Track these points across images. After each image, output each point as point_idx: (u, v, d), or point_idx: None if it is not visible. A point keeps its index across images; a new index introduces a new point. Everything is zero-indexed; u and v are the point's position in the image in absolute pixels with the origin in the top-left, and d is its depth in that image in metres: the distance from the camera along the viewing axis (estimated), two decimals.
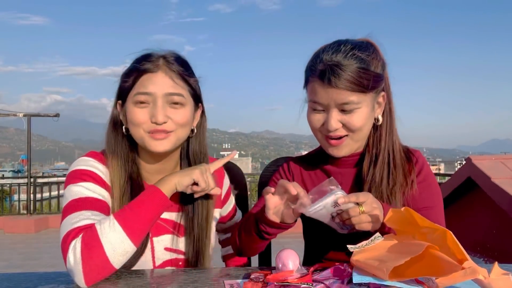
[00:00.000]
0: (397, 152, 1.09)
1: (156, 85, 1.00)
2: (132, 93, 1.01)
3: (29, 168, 8.25)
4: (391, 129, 1.10)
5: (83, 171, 1.01)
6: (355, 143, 1.07)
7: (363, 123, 1.03)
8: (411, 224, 0.79)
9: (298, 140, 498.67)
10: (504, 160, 3.58)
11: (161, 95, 1.00)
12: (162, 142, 1.02)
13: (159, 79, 1.01)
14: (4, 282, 0.87)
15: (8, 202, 10.13)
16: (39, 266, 4.79)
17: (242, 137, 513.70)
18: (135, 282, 0.84)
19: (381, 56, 1.07)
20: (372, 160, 1.09)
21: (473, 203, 3.68)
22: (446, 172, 15.71)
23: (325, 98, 1.01)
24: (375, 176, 1.07)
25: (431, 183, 1.10)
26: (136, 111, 1.00)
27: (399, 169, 1.08)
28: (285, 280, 0.75)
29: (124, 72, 1.05)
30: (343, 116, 1.02)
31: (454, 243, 0.69)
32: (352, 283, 0.72)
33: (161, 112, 0.99)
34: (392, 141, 1.10)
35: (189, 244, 1.10)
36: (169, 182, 0.97)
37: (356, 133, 1.04)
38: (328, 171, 1.15)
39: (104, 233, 0.86)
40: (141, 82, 1.01)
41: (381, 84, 1.05)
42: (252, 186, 7.05)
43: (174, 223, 1.11)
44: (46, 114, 8.86)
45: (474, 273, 0.62)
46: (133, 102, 1.01)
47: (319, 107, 1.04)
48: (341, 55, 1.00)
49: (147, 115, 1.00)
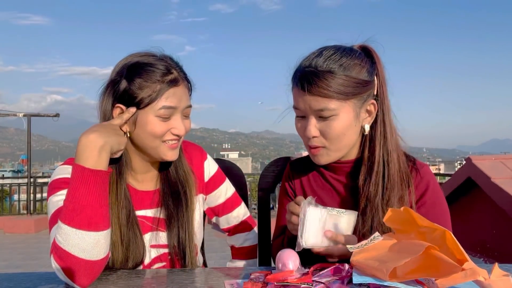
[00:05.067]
0: (393, 166, 1.04)
1: (179, 99, 1.02)
2: (155, 106, 0.99)
3: (29, 168, 8.25)
4: (385, 140, 1.05)
5: (61, 180, 1.01)
6: (334, 153, 1.04)
7: (340, 132, 1.00)
8: (410, 223, 0.79)
9: (298, 140, 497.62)
10: (504, 160, 3.58)
11: (182, 109, 1.04)
12: (176, 151, 1.07)
13: (182, 93, 1.03)
14: (4, 282, 0.87)
15: (8, 202, 10.12)
16: (39, 266, 4.79)
17: (242, 137, 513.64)
18: (135, 282, 0.84)
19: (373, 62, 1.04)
20: (367, 173, 1.05)
21: (473, 203, 3.68)
22: (446, 172, 15.71)
23: (302, 104, 1.00)
24: (370, 190, 1.03)
25: (437, 203, 1.06)
26: (159, 124, 1.01)
27: (395, 185, 1.03)
28: (285, 280, 0.75)
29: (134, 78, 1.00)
30: (322, 123, 1.00)
31: (454, 243, 0.69)
32: (352, 283, 0.72)
33: (182, 125, 1.04)
34: (387, 153, 1.04)
35: (173, 237, 1.10)
36: (90, 151, 0.89)
37: (334, 143, 1.01)
38: (325, 175, 1.14)
39: (62, 241, 0.85)
40: (167, 95, 1.00)
41: (366, 91, 1.01)
42: (252, 186, 7.05)
43: (153, 219, 1.11)
44: (46, 114, 8.85)
45: (474, 274, 0.62)
46: (157, 115, 1.00)
47: (300, 114, 1.04)
48: (320, 60, 0.98)
49: (167, 127, 1.02)
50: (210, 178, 1.24)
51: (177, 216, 1.11)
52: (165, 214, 1.11)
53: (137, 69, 1.01)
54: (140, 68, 1.01)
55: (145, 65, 1.01)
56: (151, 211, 1.12)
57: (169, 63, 1.04)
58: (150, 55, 1.05)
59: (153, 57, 1.04)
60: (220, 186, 1.26)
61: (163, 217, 1.12)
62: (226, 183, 1.28)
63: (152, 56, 1.05)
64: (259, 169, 73.18)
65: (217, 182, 1.25)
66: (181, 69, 1.07)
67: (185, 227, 1.11)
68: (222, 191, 1.26)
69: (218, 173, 1.26)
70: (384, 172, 1.04)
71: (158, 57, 1.05)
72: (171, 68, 1.02)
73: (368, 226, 1.02)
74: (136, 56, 1.05)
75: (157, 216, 1.12)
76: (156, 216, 1.12)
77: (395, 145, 1.06)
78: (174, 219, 1.10)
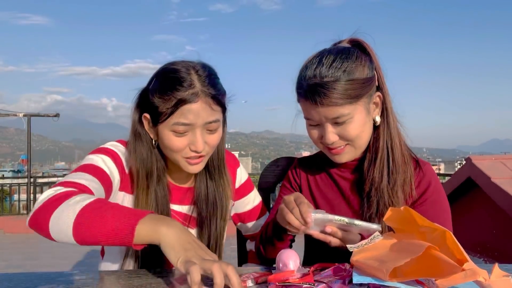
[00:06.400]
0: (397, 150, 1.07)
1: (197, 115, 0.98)
2: (170, 121, 0.98)
3: (29, 168, 8.25)
4: (388, 126, 1.08)
5: (106, 149, 1.04)
6: (356, 150, 1.07)
7: (358, 131, 1.02)
8: (410, 223, 0.79)
9: (298, 140, 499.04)
10: (504, 160, 3.58)
11: (201, 125, 1.00)
12: (198, 166, 1.05)
13: (199, 109, 0.98)
14: (4, 282, 0.87)
15: (8, 202, 10.13)
16: (39, 266, 4.79)
17: (242, 137, 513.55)
18: (135, 282, 0.84)
19: (370, 57, 1.05)
20: (372, 159, 1.08)
21: (473, 203, 3.69)
22: (446, 172, 15.70)
23: (316, 115, 1.02)
24: (375, 176, 1.06)
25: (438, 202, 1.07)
26: (174, 139, 1.00)
27: (400, 168, 1.06)
28: (287, 280, 0.75)
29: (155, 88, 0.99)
30: (338, 128, 1.02)
31: (454, 243, 0.69)
32: (353, 283, 0.72)
33: (200, 141, 1.00)
34: (390, 138, 1.07)
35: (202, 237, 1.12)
36: (156, 232, 0.77)
37: (356, 141, 1.04)
38: (331, 174, 1.16)
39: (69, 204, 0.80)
40: (181, 111, 0.97)
41: (372, 87, 1.04)
42: None
43: (185, 216, 1.13)
44: (46, 114, 8.86)
45: (474, 275, 0.62)
46: (172, 130, 0.99)
47: (314, 123, 1.05)
48: (324, 70, 0.99)
49: (185, 142, 1.00)
50: (241, 185, 1.27)
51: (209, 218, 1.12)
52: (197, 213, 1.13)
53: (161, 81, 0.99)
54: (165, 79, 0.99)
55: (168, 78, 0.99)
56: (184, 208, 1.13)
57: (197, 75, 0.99)
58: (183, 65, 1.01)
59: (184, 67, 1.00)
60: (249, 193, 1.29)
61: (195, 216, 1.13)
62: (255, 191, 1.32)
63: (184, 65, 1.00)
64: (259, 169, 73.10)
65: (246, 189, 1.29)
66: (211, 82, 1.00)
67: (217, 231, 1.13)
68: (250, 198, 1.30)
69: (248, 181, 1.30)
70: (388, 156, 1.06)
71: (188, 67, 1.00)
72: (193, 81, 0.98)
73: (374, 209, 1.04)
74: (172, 64, 1.02)
75: (189, 214, 1.13)
76: (188, 214, 1.13)
77: (396, 130, 1.09)
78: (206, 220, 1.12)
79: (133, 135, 1.06)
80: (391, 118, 1.08)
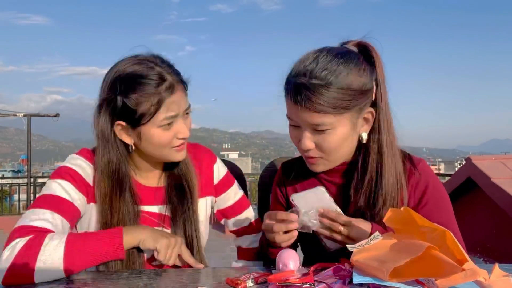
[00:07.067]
0: (388, 174, 0.98)
1: (178, 105, 1.02)
2: (156, 118, 0.99)
3: (29, 168, 8.25)
4: (379, 147, 0.99)
5: (66, 169, 1.03)
6: (331, 163, 1.02)
7: (337, 144, 0.96)
8: (410, 223, 0.79)
9: None
10: (504, 160, 3.58)
11: (182, 112, 1.04)
12: (183, 152, 1.09)
13: (179, 98, 1.02)
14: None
15: (8, 202, 10.12)
16: None
17: (242, 137, 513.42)
18: (135, 282, 0.84)
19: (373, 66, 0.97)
20: (358, 182, 1.01)
21: (473, 203, 3.69)
22: (446, 172, 15.70)
23: (297, 117, 0.96)
24: (360, 204, 1.00)
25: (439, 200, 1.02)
26: (163, 134, 1.02)
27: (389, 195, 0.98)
28: (287, 280, 0.75)
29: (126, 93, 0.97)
30: (317, 136, 0.96)
31: (454, 243, 0.69)
32: (353, 283, 0.72)
33: (185, 128, 1.05)
34: (381, 161, 0.98)
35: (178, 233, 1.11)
36: (134, 236, 0.97)
37: (331, 155, 0.98)
38: (320, 178, 1.11)
39: (46, 250, 0.86)
40: (166, 106, 0.99)
41: (365, 100, 0.95)
42: (252, 186, 7.05)
43: (159, 215, 1.12)
44: (46, 114, 8.86)
45: (474, 275, 0.62)
46: (159, 126, 1.00)
47: (294, 123, 0.99)
48: (315, 70, 0.91)
49: (172, 134, 1.03)
50: (220, 181, 1.25)
51: (182, 211, 1.11)
52: (171, 211, 1.12)
53: (130, 83, 0.97)
54: (132, 81, 0.97)
55: (137, 77, 0.97)
56: (156, 208, 1.13)
57: (160, 67, 1.00)
58: (139, 62, 1.00)
59: (143, 64, 0.99)
60: (229, 188, 1.27)
61: (169, 214, 1.12)
62: (235, 186, 1.30)
63: (141, 62, 1.00)
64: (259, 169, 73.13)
65: (226, 184, 1.27)
66: (174, 70, 1.03)
67: (192, 222, 1.12)
68: (231, 193, 1.28)
69: (227, 176, 1.28)
70: (377, 182, 0.99)
71: (147, 63, 1.00)
72: (163, 74, 0.99)
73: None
74: (124, 64, 1.00)
75: (163, 213, 1.12)
76: (161, 213, 1.12)
77: (392, 150, 0.99)
78: (179, 215, 1.11)
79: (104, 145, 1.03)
80: (385, 137, 0.99)
